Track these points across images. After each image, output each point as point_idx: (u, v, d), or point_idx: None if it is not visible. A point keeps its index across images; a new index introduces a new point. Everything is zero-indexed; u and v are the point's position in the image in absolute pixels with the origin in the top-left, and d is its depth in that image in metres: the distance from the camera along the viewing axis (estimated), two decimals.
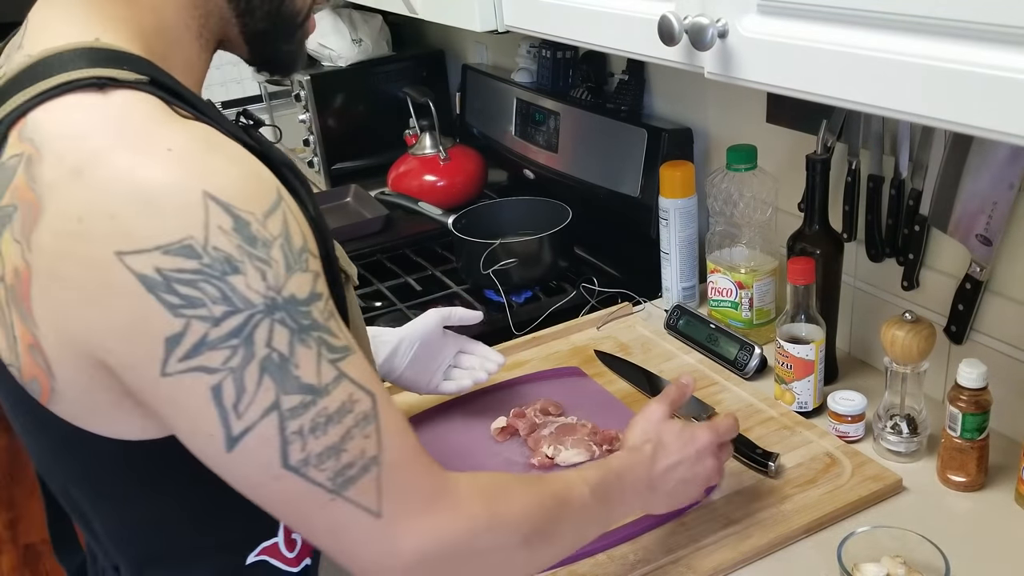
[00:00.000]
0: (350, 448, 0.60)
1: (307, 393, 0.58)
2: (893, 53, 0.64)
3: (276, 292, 0.57)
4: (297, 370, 0.58)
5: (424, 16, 1.38)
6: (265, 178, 0.60)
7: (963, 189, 1.05)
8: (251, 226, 0.56)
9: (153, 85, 0.60)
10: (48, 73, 0.59)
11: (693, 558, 0.93)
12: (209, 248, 0.55)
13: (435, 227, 1.72)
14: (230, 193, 0.56)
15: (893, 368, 1.04)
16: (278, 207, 0.59)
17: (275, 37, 0.75)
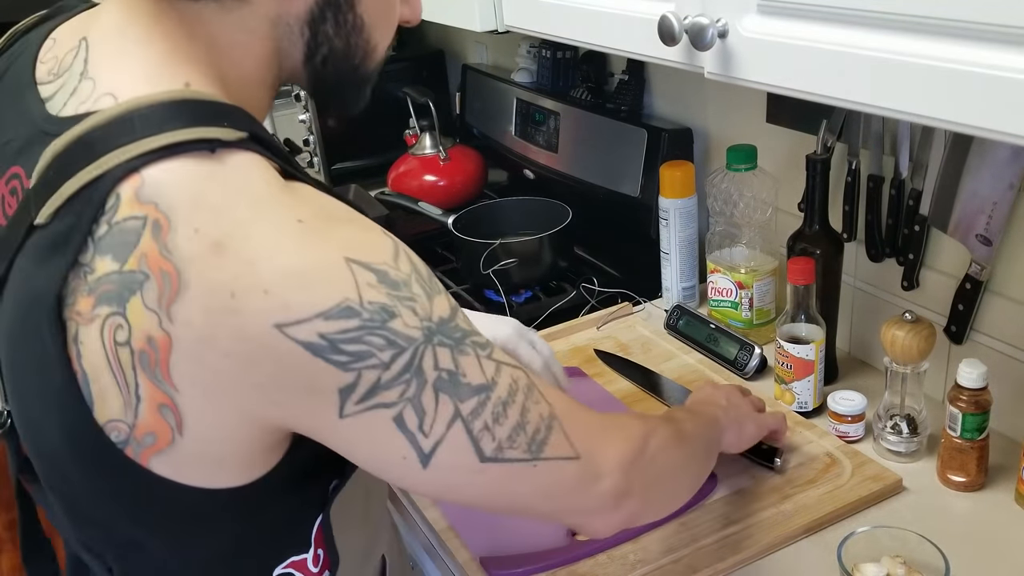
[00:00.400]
0: (531, 418, 0.65)
1: (480, 392, 0.62)
2: (893, 53, 0.64)
3: (429, 320, 0.60)
4: (466, 378, 0.62)
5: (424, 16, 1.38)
6: (375, 227, 0.63)
7: (963, 189, 1.05)
8: (389, 274, 0.59)
9: (253, 141, 0.60)
10: (150, 128, 0.57)
11: (693, 558, 0.93)
12: (365, 304, 0.57)
13: (435, 227, 1.72)
14: (362, 252, 0.59)
15: (893, 368, 1.04)
16: (397, 247, 0.62)
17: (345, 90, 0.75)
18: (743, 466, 1.06)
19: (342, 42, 0.68)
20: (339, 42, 0.68)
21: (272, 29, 0.65)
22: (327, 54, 0.68)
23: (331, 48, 0.68)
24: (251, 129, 0.60)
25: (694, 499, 1.01)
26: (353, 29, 0.68)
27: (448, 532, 1.01)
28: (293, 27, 0.65)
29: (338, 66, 0.70)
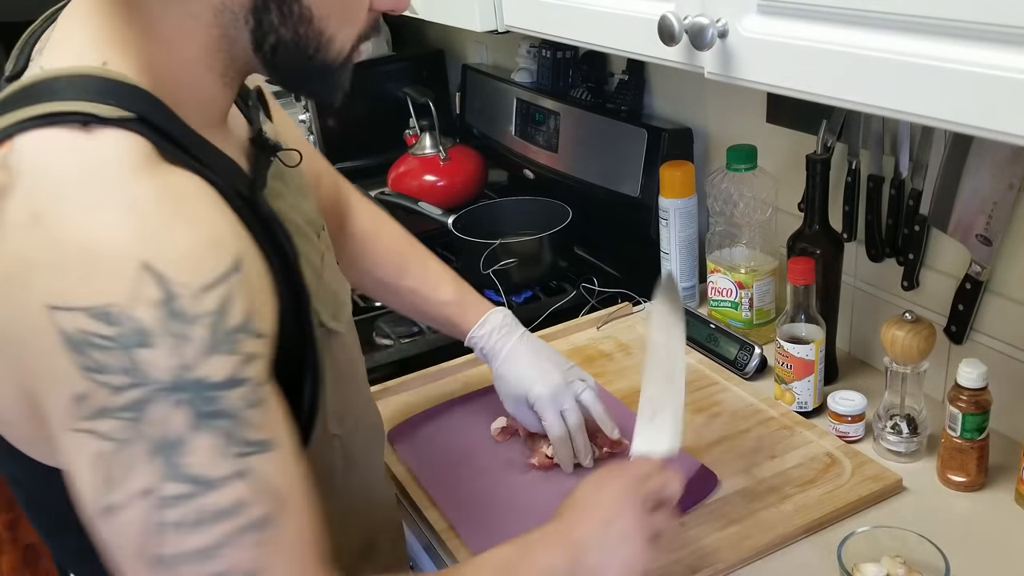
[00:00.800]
0: (224, 556, 0.57)
1: (193, 484, 0.56)
2: (893, 53, 0.64)
3: (186, 371, 0.56)
4: (188, 457, 0.56)
5: (424, 16, 1.38)
6: (223, 245, 0.59)
7: (963, 189, 1.05)
8: (179, 300, 0.56)
9: (141, 123, 0.60)
10: (43, 96, 0.59)
11: (693, 558, 0.93)
12: (125, 318, 0.54)
13: (435, 227, 1.72)
14: (170, 264, 0.56)
15: (893, 368, 1.04)
16: (224, 280, 0.58)
17: (308, 80, 0.73)
18: (743, 466, 1.06)
19: (289, 32, 0.66)
20: (286, 32, 0.66)
21: (216, 17, 0.64)
22: (275, 43, 0.67)
23: (278, 38, 0.67)
24: (143, 111, 0.61)
25: (694, 499, 1.01)
26: (300, 20, 0.66)
27: (448, 532, 1.01)
28: (238, 15, 0.65)
29: (291, 56, 0.68)
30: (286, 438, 0.62)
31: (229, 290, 0.58)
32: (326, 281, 0.78)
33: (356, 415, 0.85)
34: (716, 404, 1.20)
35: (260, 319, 0.60)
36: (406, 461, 1.14)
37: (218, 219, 0.60)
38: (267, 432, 0.60)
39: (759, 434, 1.12)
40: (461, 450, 1.14)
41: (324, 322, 0.75)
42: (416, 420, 1.21)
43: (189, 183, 0.61)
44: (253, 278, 0.61)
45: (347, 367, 0.82)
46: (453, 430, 1.18)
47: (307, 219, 0.80)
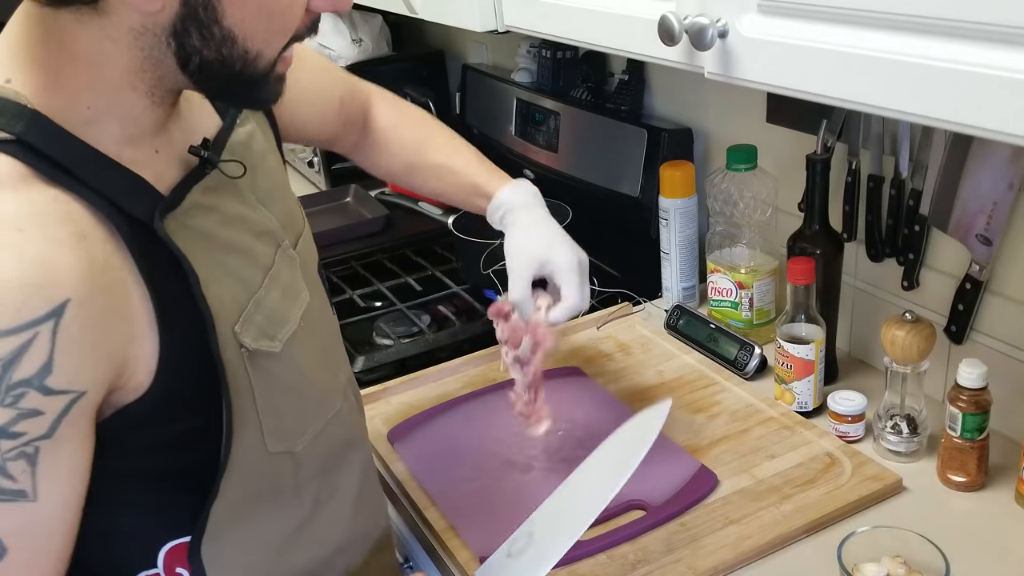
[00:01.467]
0: None
1: None
2: (893, 53, 0.64)
3: None
4: None
5: (424, 16, 1.38)
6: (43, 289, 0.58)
7: (963, 189, 1.05)
8: None
9: (19, 144, 0.61)
10: None
11: (693, 558, 0.93)
12: None
13: (435, 227, 1.72)
14: None
15: (893, 368, 1.04)
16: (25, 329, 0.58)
17: (239, 92, 0.72)
18: (743, 466, 1.06)
19: (213, 53, 0.66)
20: (209, 53, 0.66)
21: (136, 39, 0.64)
22: (199, 64, 0.66)
23: (202, 59, 0.66)
24: (25, 132, 0.62)
25: (694, 499, 1.01)
26: (223, 42, 0.65)
27: (448, 532, 1.01)
28: (160, 37, 0.64)
29: (217, 73, 0.68)
30: (53, 493, 0.63)
31: (29, 339, 0.58)
32: (262, 300, 0.76)
33: (315, 431, 0.83)
34: (716, 404, 1.20)
35: (65, 373, 0.60)
36: (406, 461, 1.14)
37: (58, 257, 0.60)
38: (26, 483, 0.61)
39: (759, 434, 1.12)
40: (461, 450, 1.14)
41: (245, 344, 0.73)
42: (416, 420, 1.21)
43: (46, 210, 0.61)
44: (79, 327, 0.60)
45: (295, 379, 0.80)
46: (453, 430, 1.18)
47: (259, 230, 0.78)
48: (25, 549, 0.63)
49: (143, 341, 0.66)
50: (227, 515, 0.76)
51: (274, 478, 0.80)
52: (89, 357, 0.62)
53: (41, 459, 0.61)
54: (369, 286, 1.64)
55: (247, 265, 0.76)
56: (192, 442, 0.73)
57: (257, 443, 0.76)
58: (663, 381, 1.26)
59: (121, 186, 0.66)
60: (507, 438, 1.15)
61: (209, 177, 0.74)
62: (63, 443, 0.62)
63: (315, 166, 2.18)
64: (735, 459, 1.08)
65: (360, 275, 1.71)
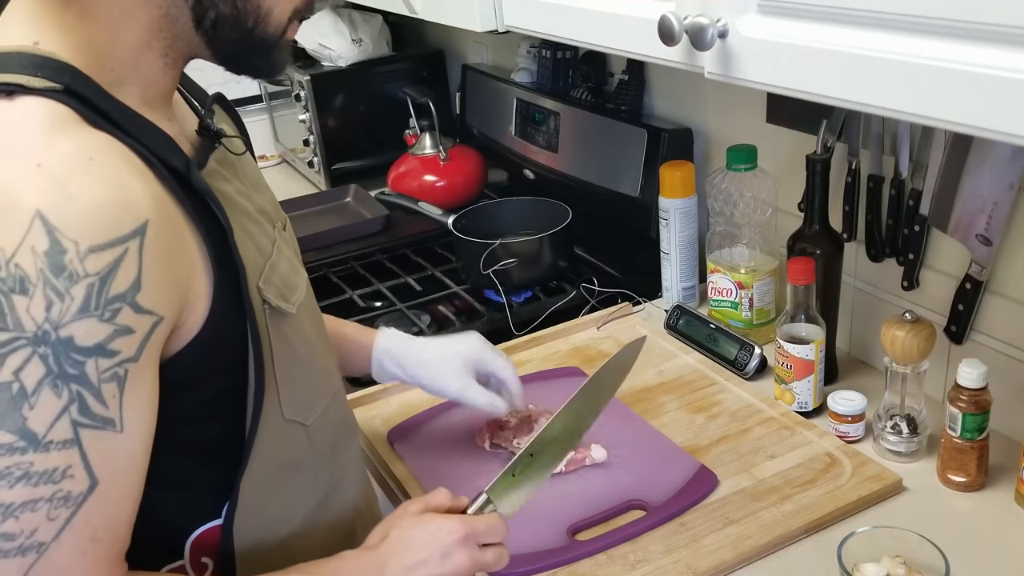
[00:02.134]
0: (24, 518, 0.58)
1: (23, 438, 0.57)
2: (893, 53, 0.64)
3: (53, 328, 0.58)
4: (29, 411, 0.57)
5: (424, 16, 1.38)
6: (128, 208, 0.60)
7: (963, 189, 1.05)
8: (65, 255, 0.57)
9: (67, 94, 0.63)
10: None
11: (693, 558, 0.93)
12: (11, 264, 0.57)
13: (435, 227, 1.72)
14: (65, 217, 0.58)
15: (893, 368, 1.04)
16: (118, 244, 0.59)
17: (249, 56, 0.75)
18: (743, 466, 1.06)
19: (228, 7, 0.69)
20: (225, 7, 0.69)
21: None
22: (215, 19, 0.69)
23: (218, 13, 0.69)
24: (70, 83, 0.63)
25: (694, 499, 1.01)
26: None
27: None
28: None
29: (231, 31, 0.71)
30: (136, 426, 0.63)
31: (121, 255, 0.60)
32: (275, 264, 0.79)
33: (323, 407, 0.85)
34: (716, 404, 1.20)
35: (151, 294, 0.62)
36: (406, 461, 1.14)
37: (130, 182, 0.62)
38: (115, 412, 0.61)
39: (759, 434, 1.12)
40: (461, 450, 1.14)
41: (269, 299, 0.75)
42: (416, 420, 1.21)
43: (107, 145, 0.63)
44: (157, 249, 0.62)
45: (304, 350, 0.82)
46: (453, 430, 1.18)
47: (258, 208, 0.81)
48: (113, 482, 0.62)
49: (200, 278, 0.68)
50: (254, 489, 0.77)
51: (293, 450, 0.81)
52: (167, 280, 0.64)
53: (128, 385, 0.62)
54: (369, 286, 1.64)
55: (260, 232, 0.78)
56: (217, 412, 0.74)
57: (275, 408, 0.77)
58: (663, 381, 1.26)
59: (157, 139, 0.68)
60: None
61: (217, 151, 0.77)
62: (144, 371, 0.63)
63: (315, 166, 2.18)
64: (735, 459, 1.08)
65: (360, 275, 1.71)
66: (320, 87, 2.09)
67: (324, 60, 2.16)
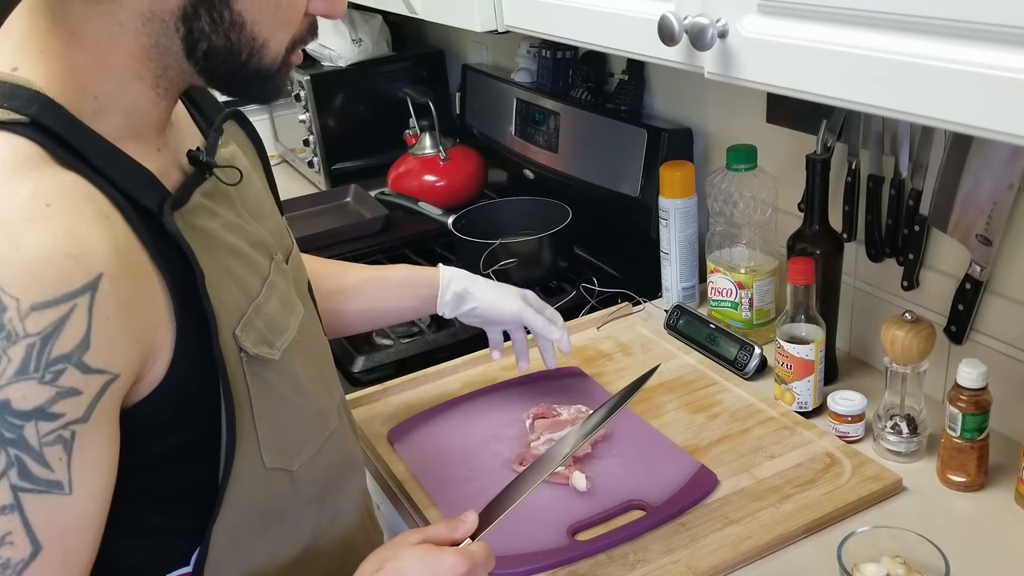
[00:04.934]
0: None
1: None
2: (893, 53, 0.64)
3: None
4: None
5: (424, 16, 1.38)
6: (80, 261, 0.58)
7: (963, 189, 1.05)
8: (5, 313, 0.55)
9: (34, 127, 0.61)
10: None
11: (693, 558, 0.93)
12: None
13: (435, 227, 1.72)
14: (10, 270, 0.55)
15: (893, 368, 1.04)
16: (65, 301, 0.57)
17: (245, 86, 0.72)
18: (743, 466, 1.06)
19: (221, 39, 0.66)
20: (218, 39, 0.66)
21: (144, 25, 0.64)
22: (207, 50, 0.67)
23: (210, 45, 0.66)
24: (39, 115, 0.61)
25: (694, 499, 1.01)
26: (232, 26, 0.66)
27: None
28: (168, 23, 0.64)
29: (223, 62, 0.68)
30: (87, 487, 0.61)
31: (67, 312, 0.57)
32: (261, 306, 0.75)
33: (313, 450, 0.82)
34: (716, 404, 1.20)
35: (102, 352, 0.59)
36: (406, 461, 1.14)
37: (88, 230, 0.59)
38: (62, 474, 0.59)
39: (759, 434, 1.12)
40: (461, 450, 1.14)
41: (246, 348, 0.72)
42: (416, 420, 1.21)
43: (70, 188, 0.60)
44: (114, 303, 0.60)
45: (292, 394, 0.78)
46: (453, 430, 1.18)
47: (254, 241, 0.78)
48: (59, 546, 0.60)
49: (164, 328, 0.66)
50: (227, 538, 0.74)
51: (272, 499, 0.78)
52: (123, 336, 0.61)
53: (76, 446, 0.59)
54: None
55: (247, 271, 0.75)
56: (189, 459, 0.72)
57: (254, 456, 0.74)
58: (663, 381, 1.26)
59: (131, 177, 0.65)
60: (507, 438, 1.15)
61: (207, 183, 0.74)
62: (97, 430, 0.61)
63: (315, 166, 2.18)
64: (735, 459, 1.08)
65: None
66: (320, 87, 2.09)
67: (324, 60, 2.16)
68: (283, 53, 0.71)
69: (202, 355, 0.68)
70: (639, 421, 1.16)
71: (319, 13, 0.72)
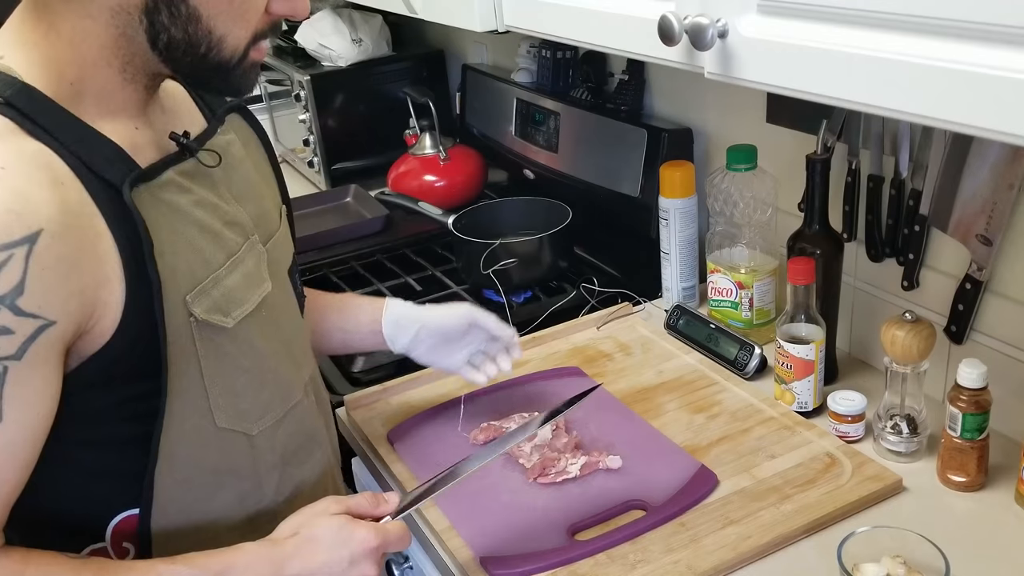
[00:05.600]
0: None
1: None
2: (893, 53, 0.64)
3: None
4: None
5: (424, 16, 1.38)
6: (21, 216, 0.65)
7: (963, 189, 1.05)
8: None
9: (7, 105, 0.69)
10: None
11: (693, 558, 0.93)
12: None
13: (435, 227, 1.72)
14: None
15: (893, 368, 1.04)
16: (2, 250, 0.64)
17: (208, 78, 0.79)
18: (743, 466, 1.06)
19: (180, 32, 0.73)
20: (176, 32, 0.73)
21: (113, 18, 0.72)
22: (168, 41, 0.74)
23: (170, 37, 0.74)
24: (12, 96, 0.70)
25: (694, 499, 1.01)
26: (188, 19, 0.73)
27: (448, 532, 1.01)
28: (133, 16, 0.72)
29: (184, 54, 0.75)
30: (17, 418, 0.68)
31: (3, 260, 0.64)
32: (221, 278, 0.81)
33: (275, 418, 0.88)
34: (716, 404, 1.20)
35: (37, 298, 0.66)
36: (406, 461, 1.14)
37: (35, 192, 0.67)
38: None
39: (759, 434, 1.12)
40: (460, 450, 1.14)
41: (195, 313, 0.77)
42: (416, 420, 1.21)
43: (31, 155, 0.68)
44: (52, 257, 0.67)
45: (250, 362, 0.84)
46: (452, 430, 1.18)
47: (228, 220, 0.83)
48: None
49: (112, 288, 0.72)
50: (177, 486, 0.80)
51: (228, 457, 0.84)
52: (60, 288, 0.68)
53: (8, 380, 0.67)
54: (369, 286, 1.64)
55: (212, 245, 0.80)
56: (144, 411, 0.78)
57: (203, 413, 0.80)
58: (663, 381, 1.26)
59: (98, 150, 0.73)
60: None
61: (186, 163, 0.80)
62: (31, 369, 0.68)
63: (315, 166, 2.18)
64: (735, 459, 1.08)
65: (360, 275, 1.71)
66: (320, 87, 2.09)
67: (324, 60, 2.16)
68: (242, 48, 0.77)
69: (152, 316, 0.74)
70: (639, 421, 1.16)
71: (282, 14, 0.78)
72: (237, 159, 0.89)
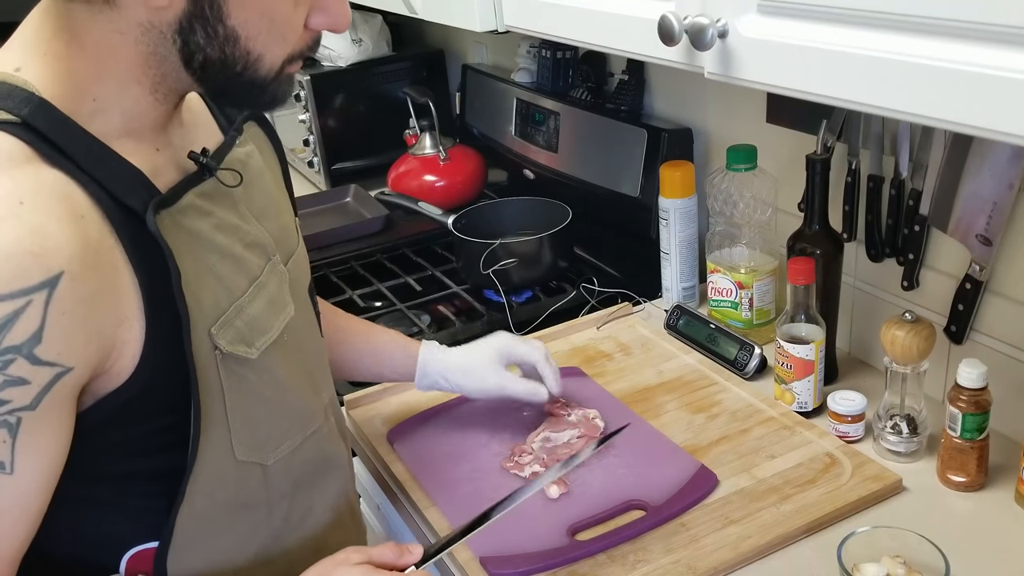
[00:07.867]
0: None
1: None
2: (893, 53, 0.64)
3: None
4: None
5: (424, 16, 1.38)
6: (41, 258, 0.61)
7: (963, 189, 1.05)
8: None
9: (24, 127, 0.64)
10: None
11: (693, 558, 0.93)
12: None
13: (435, 227, 1.72)
14: None
15: (893, 368, 1.04)
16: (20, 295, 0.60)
17: (242, 95, 0.75)
18: (743, 466, 1.06)
19: (216, 52, 0.69)
20: (213, 52, 0.69)
21: (144, 34, 0.67)
22: (203, 61, 0.69)
23: (206, 57, 0.69)
24: (30, 116, 0.65)
25: (694, 499, 1.01)
26: (226, 41, 0.69)
27: (448, 532, 1.00)
28: (165, 34, 0.68)
29: (219, 73, 0.71)
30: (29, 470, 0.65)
31: (22, 307, 0.60)
32: (244, 306, 0.77)
33: (291, 447, 0.84)
34: (716, 404, 1.20)
35: (55, 345, 0.62)
36: (406, 461, 1.14)
37: (56, 229, 0.62)
38: (4, 455, 0.64)
39: (759, 434, 1.12)
40: (460, 450, 1.14)
41: (220, 346, 0.74)
42: (416, 420, 1.21)
43: (49, 186, 0.64)
44: (72, 300, 0.63)
45: (271, 392, 0.81)
46: (452, 430, 1.18)
47: (249, 241, 0.80)
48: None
49: (131, 325, 0.69)
50: (194, 523, 0.77)
51: (244, 489, 0.80)
52: (79, 332, 0.64)
53: (22, 431, 0.63)
54: (369, 286, 1.64)
55: (234, 271, 0.77)
56: (164, 444, 0.75)
57: (224, 448, 0.77)
58: (663, 381, 1.26)
59: (119, 176, 0.68)
60: (507, 439, 1.15)
61: (206, 183, 0.76)
62: (45, 418, 0.64)
63: (315, 166, 2.18)
64: (735, 459, 1.08)
65: (360, 275, 1.71)
66: (320, 87, 2.09)
67: (324, 60, 2.16)
68: (279, 66, 0.73)
69: (175, 350, 0.71)
70: (639, 421, 1.16)
71: (321, 28, 0.74)
72: (256, 173, 0.85)
